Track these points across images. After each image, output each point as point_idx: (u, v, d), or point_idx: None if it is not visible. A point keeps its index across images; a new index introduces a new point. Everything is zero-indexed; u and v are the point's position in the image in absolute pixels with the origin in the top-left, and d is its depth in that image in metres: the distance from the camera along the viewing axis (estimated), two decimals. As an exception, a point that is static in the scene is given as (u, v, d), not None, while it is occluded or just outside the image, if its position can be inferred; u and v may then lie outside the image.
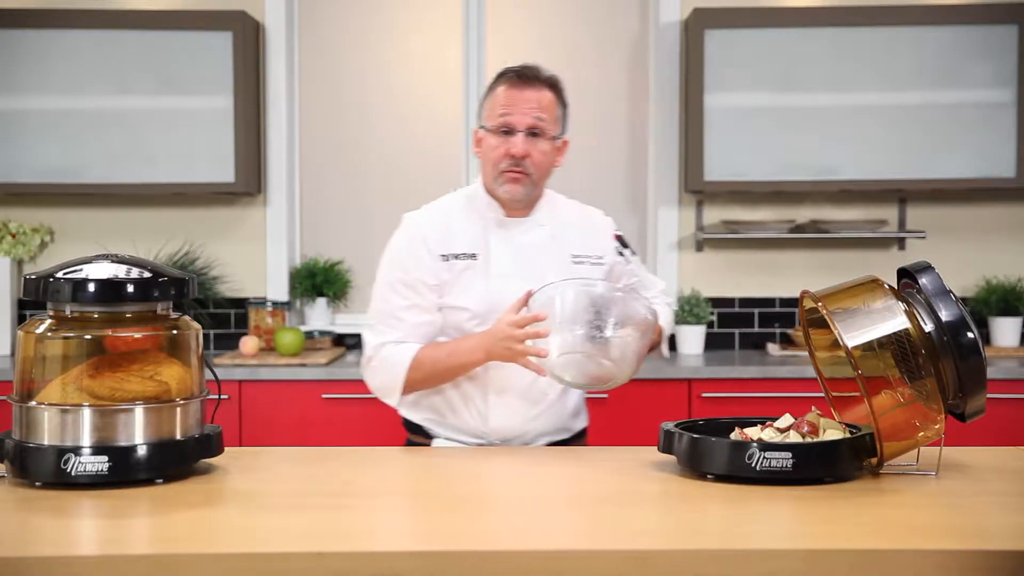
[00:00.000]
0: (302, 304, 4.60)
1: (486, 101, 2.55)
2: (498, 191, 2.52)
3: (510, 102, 2.49)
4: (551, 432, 2.56)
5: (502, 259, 2.52)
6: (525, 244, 2.54)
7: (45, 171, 4.30)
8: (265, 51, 4.52)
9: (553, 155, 2.54)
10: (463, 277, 2.50)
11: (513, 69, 2.52)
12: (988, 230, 4.55)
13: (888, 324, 2.02)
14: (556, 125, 2.53)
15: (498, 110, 2.49)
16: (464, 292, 2.50)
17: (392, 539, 1.75)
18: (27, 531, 1.76)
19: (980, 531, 1.76)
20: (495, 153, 2.49)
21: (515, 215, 2.55)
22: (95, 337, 2.03)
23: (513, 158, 2.47)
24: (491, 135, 2.50)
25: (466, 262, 2.51)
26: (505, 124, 2.48)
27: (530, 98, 2.49)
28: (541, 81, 2.52)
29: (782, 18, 4.29)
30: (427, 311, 2.50)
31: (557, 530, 1.79)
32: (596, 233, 2.64)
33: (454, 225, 2.54)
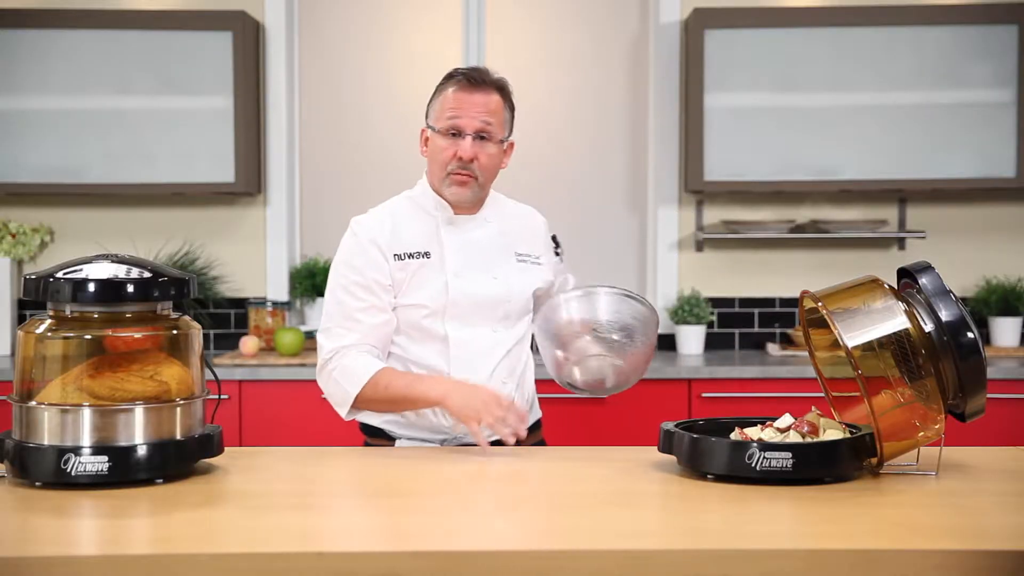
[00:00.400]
0: (302, 304, 4.60)
1: (434, 102, 2.58)
2: (444, 192, 2.56)
3: (459, 105, 2.52)
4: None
5: (456, 256, 2.56)
6: (475, 240, 2.59)
7: (45, 171, 4.30)
8: (265, 51, 4.52)
9: (500, 157, 2.59)
10: (418, 275, 2.53)
11: (462, 71, 2.56)
12: (988, 230, 4.55)
13: (888, 324, 2.02)
14: (503, 128, 2.57)
15: (447, 112, 2.53)
16: (420, 290, 2.53)
17: (392, 539, 1.75)
18: (27, 531, 1.76)
19: (980, 531, 1.77)
20: (443, 155, 2.53)
21: (463, 212, 2.60)
22: (95, 337, 2.03)
23: (461, 161, 2.51)
24: (439, 136, 2.54)
25: (420, 260, 2.54)
26: (454, 127, 2.52)
27: (478, 102, 2.52)
28: (489, 84, 2.55)
29: (782, 18, 4.29)
30: (383, 311, 2.52)
31: (557, 530, 1.79)
32: (536, 233, 2.70)
33: (403, 226, 2.57)
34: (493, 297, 2.55)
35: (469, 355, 2.53)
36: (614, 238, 4.65)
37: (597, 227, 4.66)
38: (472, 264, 2.56)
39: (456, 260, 2.55)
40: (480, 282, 2.54)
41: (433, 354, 2.53)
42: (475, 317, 2.54)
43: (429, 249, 2.55)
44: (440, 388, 2.39)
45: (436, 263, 2.54)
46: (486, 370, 2.53)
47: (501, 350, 2.56)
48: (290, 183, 4.61)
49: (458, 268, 2.54)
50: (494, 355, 2.55)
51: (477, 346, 2.54)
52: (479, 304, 2.54)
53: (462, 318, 2.53)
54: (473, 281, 2.54)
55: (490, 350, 2.55)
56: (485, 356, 2.54)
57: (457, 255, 2.55)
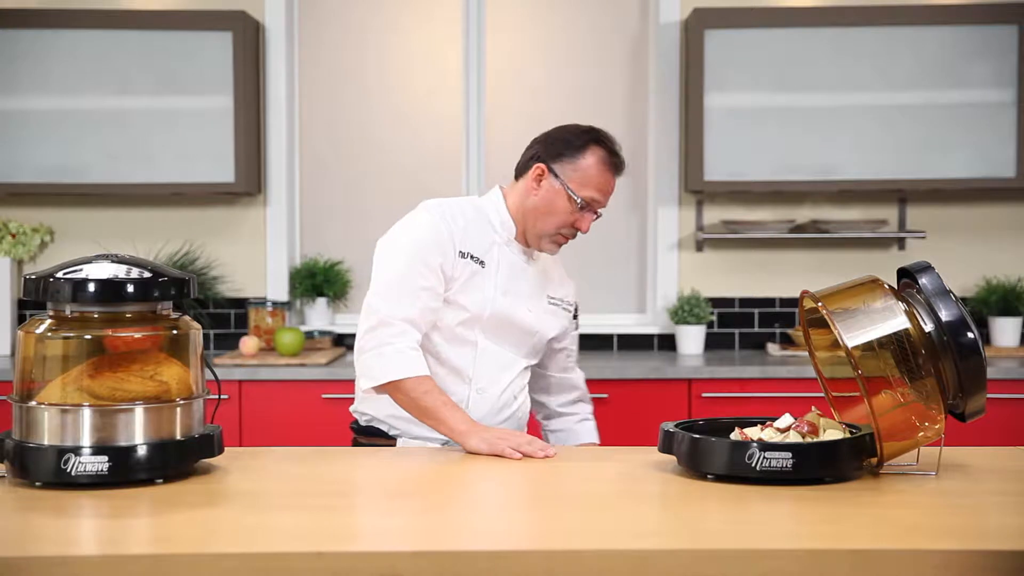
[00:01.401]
0: (302, 304, 4.60)
1: (578, 159, 2.55)
2: (536, 243, 2.60)
3: (604, 187, 2.57)
4: None
5: (505, 276, 2.59)
6: (523, 270, 2.63)
7: (45, 171, 4.30)
8: (265, 51, 4.52)
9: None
10: (471, 280, 2.55)
11: (611, 148, 2.58)
12: (988, 230, 4.55)
13: (888, 324, 2.02)
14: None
15: (591, 188, 2.54)
16: (467, 294, 2.54)
17: (392, 539, 1.75)
18: (27, 531, 1.76)
19: (980, 531, 1.77)
20: (562, 217, 2.55)
21: (520, 241, 2.63)
22: (95, 337, 2.03)
23: (576, 231, 2.58)
24: (567, 199, 2.54)
25: (476, 267, 2.55)
26: (590, 204, 2.56)
27: (613, 186, 2.60)
28: (622, 169, 2.62)
29: (782, 18, 4.29)
30: (438, 297, 2.51)
31: (557, 530, 1.79)
32: (566, 284, 2.76)
33: (470, 227, 2.57)
34: (524, 327, 2.62)
35: (493, 365, 2.59)
36: (614, 238, 4.65)
37: (597, 227, 4.63)
38: (516, 290, 2.60)
39: (505, 280, 2.59)
40: (518, 309, 2.60)
41: (458, 356, 2.56)
42: (504, 337, 2.60)
43: (485, 260, 2.57)
44: (465, 426, 2.37)
45: (488, 275, 2.57)
46: (503, 382, 2.61)
47: (516, 369, 2.64)
48: (290, 183, 4.60)
49: (504, 288, 2.58)
50: (511, 372, 2.63)
51: (500, 360, 2.61)
52: (511, 328, 2.60)
53: (493, 334, 2.59)
54: (513, 305, 2.59)
55: (509, 366, 2.62)
56: (504, 371, 2.61)
57: (505, 276, 2.59)
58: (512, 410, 2.64)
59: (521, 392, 2.67)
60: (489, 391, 2.59)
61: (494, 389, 2.60)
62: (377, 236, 2.61)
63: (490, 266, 2.57)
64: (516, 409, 2.65)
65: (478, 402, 2.58)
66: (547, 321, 2.66)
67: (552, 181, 2.55)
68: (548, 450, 2.30)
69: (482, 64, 4.63)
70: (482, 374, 2.59)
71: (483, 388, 2.59)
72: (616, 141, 2.61)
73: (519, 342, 2.63)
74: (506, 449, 2.29)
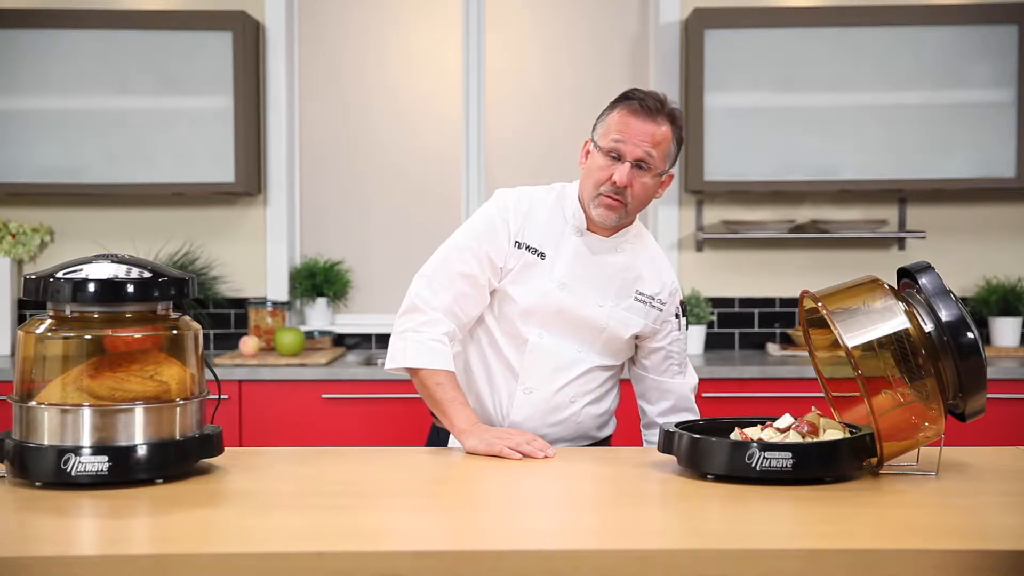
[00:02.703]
0: (302, 304, 4.60)
1: (604, 117, 2.49)
2: (591, 210, 2.48)
3: (625, 130, 2.42)
4: (570, 439, 2.56)
5: (567, 268, 2.49)
6: (595, 262, 2.51)
7: (45, 171, 4.30)
8: (265, 51, 4.52)
9: (655, 188, 2.50)
10: (526, 271, 2.48)
11: (640, 94, 2.45)
12: (988, 230, 4.55)
13: (888, 324, 2.02)
14: (665, 161, 2.46)
15: (612, 134, 2.44)
16: (520, 285, 2.48)
17: (392, 539, 1.75)
18: (27, 531, 1.76)
19: (980, 531, 1.77)
20: (599, 174, 2.45)
21: (597, 231, 2.52)
22: (95, 337, 2.03)
23: (614, 185, 2.43)
24: (599, 154, 2.45)
25: (534, 258, 2.49)
26: (615, 151, 2.43)
27: (645, 131, 2.41)
28: (662, 114, 2.44)
29: (782, 18, 4.29)
30: (479, 285, 2.48)
31: (557, 530, 1.79)
32: (665, 283, 2.59)
33: (537, 217, 2.51)
34: (589, 322, 2.49)
35: (543, 364, 2.48)
36: (614, 238, 4.64)
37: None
38: (583, 283, 2.49)
39: (566, 272, 2.49)
40: (583, 303, 2.47)
41: (511, 351, 2.50)
42: (564, 332, 2.49)
43: (546, 251, 2.49)
44: (467, 424, 2.37)
45: (547, 267, 2.49)
46: (557, 383, 2.49)
47: (579, 368, 2.51)
48: (290, 183, 4.60)
49: (566, 280, 2.48)
50: (569, 373, 2.50)
51: (555, 360, 2.48)
52: (571, 322, 2.48)
53: (549, 327, 2.48)
54: (575, 300, 2.47)
55: (567, 367, 2.50)
56: (559, 372, 2.49)
57: (569, 268, 2.49)
58: (565, 415, 2.51)
59: (584, 397, 2.52)
60: (538, 392, 2.49)
61: (544, 390, 2.49)
62: (377, 236, 2.62)
63: (552, 258, 2.49)
64: (571, 415, 2.52)
65: (523, 403, 2.49)
66: (624, 318, 2.51)
67: (590, 147, 2.50)
68: (548, 450, 2.28)
69: (482, 64, 4.63)
70: (532, 372, 2.49)
71: (531, 388, 2.49)
72: (655, 93, 2.46)
73: (585, 339, 2.50)
74: (504, 449, 2.28)
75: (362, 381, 3.93)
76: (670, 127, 2.44)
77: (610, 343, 2.52)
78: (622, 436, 3.81)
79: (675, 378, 2.62)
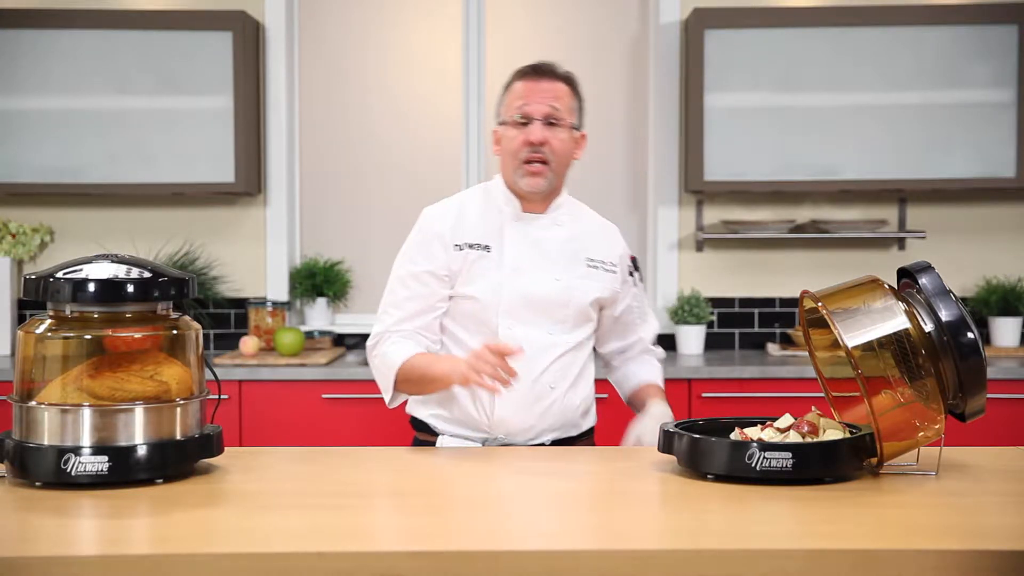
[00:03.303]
0: (302, 304, 4.60)
1: (503, 98, 2.59)
2: (519, 184, 2.54)
3: (525, 94, 2.53)
4: (558, 428, 2.56)
5: (516, 253, 2.54)
6: (540, 239, 2.57)
7: (45, 171, 4.30)
8: (265, 51, 4.52)
9: (572, 146, 2.58)
10: (475, 267, 2.52)
11: (528, 65, 2.58)
12: (988, 230, 4.55)
13: (888, 324, 2.02)
14: (572, 114, 2.57)
15: (515, 103, 2.54)
16: (474, 282, 2.52)
17: (392, 539, 1.75)
18: (27, 531, 1.76)
19: (980, 531, 1.76)
20: (514, 144, 2.53)
21: (532, 210, 2.58)
22: (95, 337, 2.03)
23: (532, 145, 2.50)
24: (509, 128, 2.54)
25: (479, 252, 2.53)
26: (523, 114, 2.52)
27: (543, 89, 2.53)
28: (556, 75, 2.57)
29: (782, 18, 4.29)
30: (427, 299, 2.53)
31: (557, 530, 1.79)
32: (613, 244, 2.67)
33: (469, 216, 2.57)
34: (551, 298, 2.53)
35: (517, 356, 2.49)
36: (614, 238, 4.64)
37: (597, 227, 4.66)
38: (534, 263, 2.54)
39: (516, 257, 2.53)
40: (540, 282, 2.52)
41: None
42: (530, 316, 2.52)
43: (490, 243, 2.54)
44: (448, 364, 2.40)
45: (495, 257, 2.53)
46: (534, 371, 2.50)
47: (554, 353, 2.53)
48: (290, 183, 4.61)
49: (517, 265, 2.53)
50: (545, 357, 2.52)
51: (528, 348, 2.47)
52: (535, 304, 2.52)
53: (516, 315, 2.51)
54: (532, 280, 2.52)
55: (542, 352, 2.52)
56: (535, 358, 2.50)
57: (518, 252, 2.54)
58: (548, 402, 2.52)
59: (563, 382, 2.54)
60: (516, 385, 2.45)
61: (524, 380, 2.46)
62: (377, 236, 2.64)
63: (497, 248, 2.54)
64: (554, 402, 2.53)
65: (505, 398, 2.48)
66: (582, 285, 2.55)
67: (499, 130, 2.59)
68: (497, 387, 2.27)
69: (482, 64, 4.63)
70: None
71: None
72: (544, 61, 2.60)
73: (554, 317, 2.53)
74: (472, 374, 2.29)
75: (362, 381, 3.93)
76: (566, 85, 2.57)
77: (578, 314, 2.56)
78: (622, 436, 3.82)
79: (637, 330, 2.71)
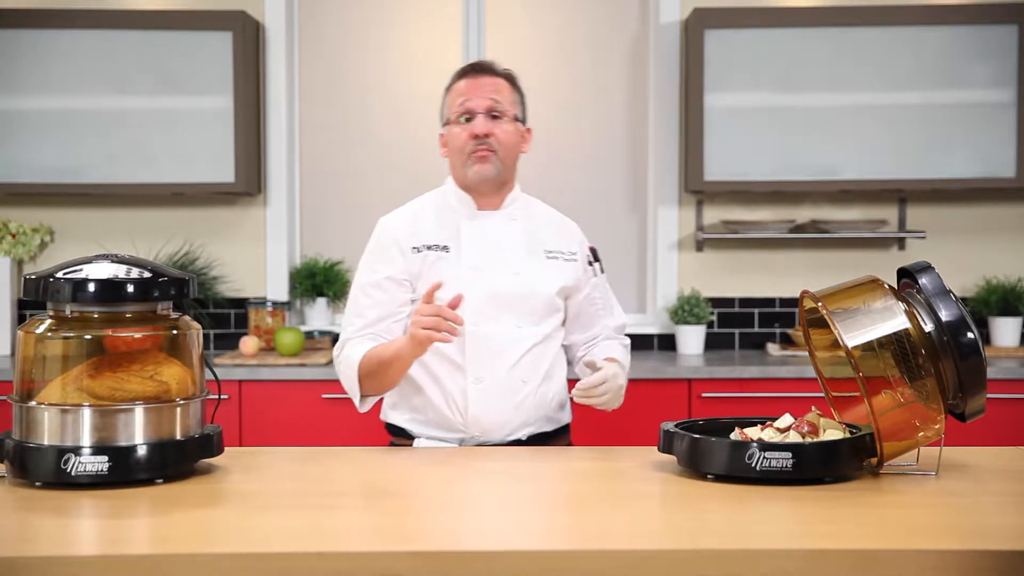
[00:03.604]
0: (302, 304, 4.60)
1: (444, 100, 2.64)
2: (468, 175, 2.57)
3: (467, 91, 2.57)
4: (533, 423, 2.57)
5: (474, 250, 2.57)
6: (497, 235, 2.60)
7: (45, 171, 4.30)
8: (265, 51, 4.52)
9: (517, 138, 2.61)
10: (435, 268, 2.55)
11: (467, 65, 2.64)
12: (988, 230, 4.55)
13: (888, 324, 2.02)
14: (515, 107, 2.60)
15: (457, 101, 2.58)
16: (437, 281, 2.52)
17: (392, 539, 1.75)
18: (27, 531, 1.76)
19: (980, 531, 1.77)
20: (459, 140, 2.57)
21: (486, 207, 2.61)
22: (95, 337, 2.03)
23: (477, 138, 2.54)
24: (454, 126, 2.58)
25: (438, 253, 2.56)
26: (465, 110, 2.56)
27: (483, 84, 2.57)
28: (495, 72, 2.61)
29: (782, 18, 4.29)
30: (388, 306, 2.56)
31: (557, 530, 1.79)
32: (570, 234, 2.71)
33: (425, 219, 2.61)
34: (514, 293, 2.55)
35: (486, 350, 2.52)
36: (614, 238, 4.65)
37: (597, 227, 4.65)
38: (493, 259, 2.56)
39: (474, 255, 2.56)
40: (500, 277, 2.55)
41: (451, 347, 2.52)
42: (495, 312, 2.53)
43: (448, 243, 2.57)
44: (399, 343, 2.44)
45: (454, 257, 2.55)
46: (504, 366, 2.52)
47: (523, 346, 2.55)
48: (290, 183, 4.61)
49: (476, 263, 2.55)
50: (514, 351, 2.54)
51: (496, 341, 2.52)
52: (499, 299, 2.54)
53: (481, 312, 2.52)
54: (493, 276, 2.54)
55: (511, 346, 2.54)
56: (504, 352, 2.53)
57: (476, 250, 2.56)
58: (522, 396, 2.54)
59: (535, 375, 2.56)
60: (489, 379, 2.52)
61: (495, 376, 2.51)
62: (377, 236, 2.64)
63: (455, 247, 2.56)
64: (528, 395, 2.54)
65: (477, 395, 2.51)
66: (543, 275, 2.58)
67: (444, 131, 2.64)
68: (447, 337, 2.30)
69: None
70: (477, 361, 2.52)
71: (480, 377, 2.52)
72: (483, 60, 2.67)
73: (519, 311, 2.55)
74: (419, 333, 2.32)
75: (362, 381, 3.92)
76: (505, 79, 2.61)
77: (543, 305, 2.58)
78: (623, 436, 3.83)
79: (601, 320, 2.71)
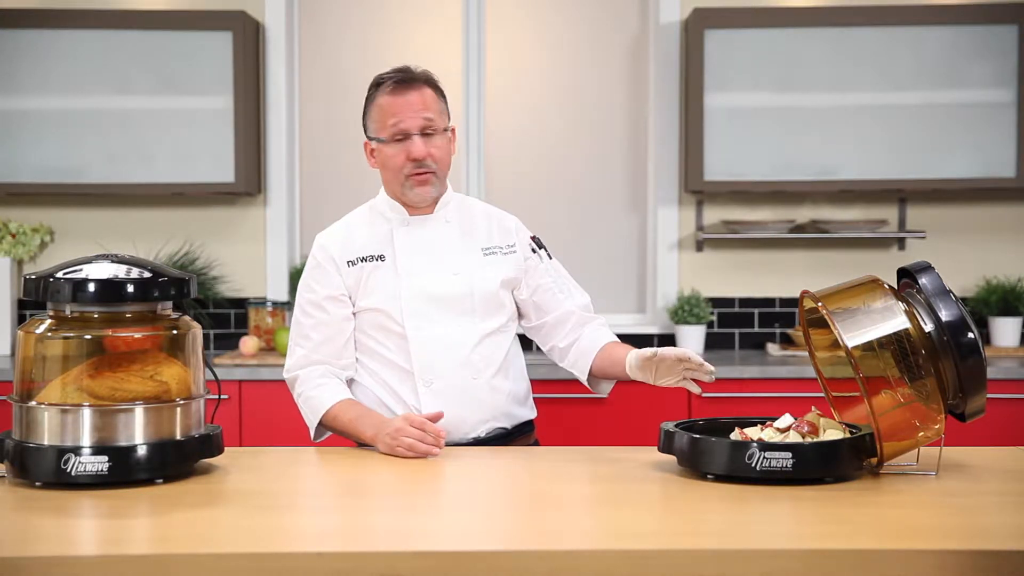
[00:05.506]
0: (302, 304, 4.60)
1: (370, 112, 2.59)
2: (408, 196, 2.57)
3: (397, 111, 2.53)
4: (491, 419, 2.56)
5: (409, 256, 2.57)
6: (431, 239, 2.59)
7: (45, 171, 4.30)
8: (265, 51, 4.52)
9: (448, 147, 2.60)
10: (372, 278, 2.55)
11: (388, 76, 2.57)
12: (988, 230, 4.55)
13: (888, 324, 2.02)
14: (443, 118, 2.59)
15: (388, 120, 2.54)
16: (374, 293, 2.54)
17: (392, 539, 1.75)
18: (27, 531, 1.76)
19: (980, 531, 1.77)
20: (396, 160, 2.55)
21: (420, 213, 2.61)
22: (95, 337, 2.03)
23: (415, 161, 2.53)
24: (386, 146, 2.56)
25: (374, 264, 2.56)
26: (399, 132, 2.53)
27: (413, 102, 2.54)
28: (418, 80, 2.57)
29: (782, 18, 4.29)
30: (331, 325, 2.55)
31: (557, 530, 1.79)
32: (506, 228, 2.68)
33: (358, 232, 2.61)
34: (453, 293, 2.55)
35: (431, 353, 2.52)
36: (614, 238, 4.65)
37: (597, 227, 4.66)
38: (429, 263, 2.56)
39: (409, 260, 2.56)
40: (438, 280, 2.54)
41: (397, 353, 2.53)
42: (436, 315, 2.53)
43: (384, 252, 2.57)
44: (372, 431, 2.40)
45: (390, 265, 2.56)
46: (451, 365, 2.52)
47: (468, 345, 2.54)
48: (290, 183, 4.61)
49: (412, 268, 2.55)
50: (460, 351, 2.53)
51: (440, 343, 2.52)
52: (438, 302, 2.54)
53: (422, 316, 2.53)
54: (431, 280, 2.54)
55: (455, 346, 2.53)
56: (449, 352, 2.52)
57: (411, 255, 2.56)
58: (475, 393, 2.53)
59: (486, 370, 2.54)
60: (439, 380, 2.51)
61: (444, 376, 2.50)
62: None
63: (391, 256, 2.56)
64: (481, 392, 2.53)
65: (429, 397, 2.51)
66: (483, 273, 2.57)
67: (373, 145, 2.60)
68: (432, 450, 2.30)
69: (482, 63, 4.62)
70: (424, 364, 2.51)
71: (430, 379, 2.51)
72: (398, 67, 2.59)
73: (458, 311, 2.54)
74: (398, 449, 2.31)
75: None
76: (429, 88, 2.58)
77: (485, 302, 2.57)
78: (622, 436, 3.83)
79: (564, 304, 2.67)
